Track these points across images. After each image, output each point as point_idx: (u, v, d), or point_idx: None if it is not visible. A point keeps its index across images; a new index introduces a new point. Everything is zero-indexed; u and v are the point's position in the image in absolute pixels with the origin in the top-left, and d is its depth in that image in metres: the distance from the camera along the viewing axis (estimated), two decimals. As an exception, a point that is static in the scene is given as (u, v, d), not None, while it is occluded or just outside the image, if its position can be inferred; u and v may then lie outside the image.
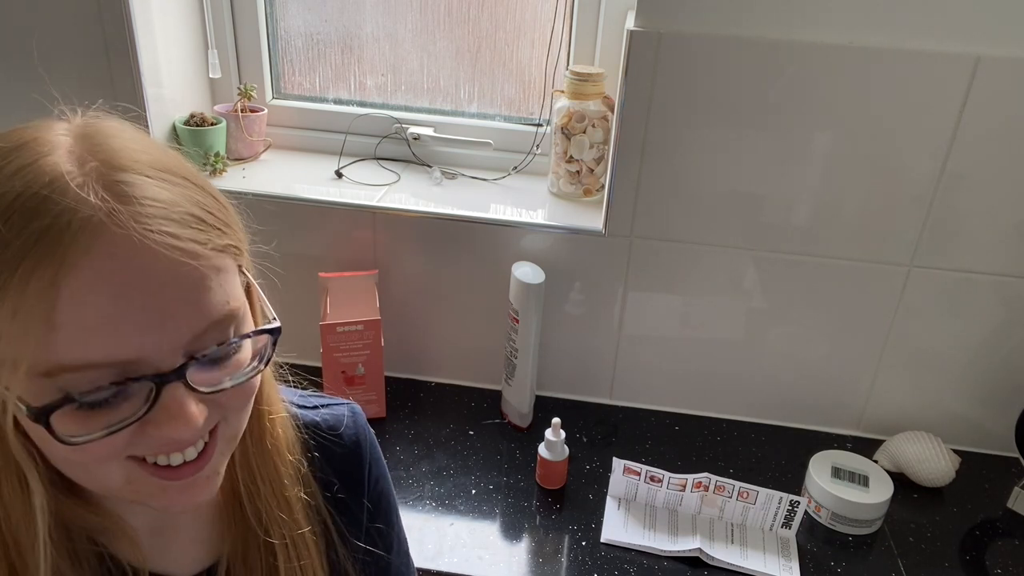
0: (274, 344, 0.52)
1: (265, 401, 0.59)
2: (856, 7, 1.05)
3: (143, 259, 0.43)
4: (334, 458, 0.67)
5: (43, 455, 0.47)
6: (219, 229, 0.48)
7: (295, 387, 0.68)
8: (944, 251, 1.17)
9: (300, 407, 0.68)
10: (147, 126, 1.28)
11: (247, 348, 0.51)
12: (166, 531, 0.58)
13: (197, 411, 0.46)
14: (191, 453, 0.49)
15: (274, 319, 0.52)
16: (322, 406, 0.70)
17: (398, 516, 0.76)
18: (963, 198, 1.13)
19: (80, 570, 0.51)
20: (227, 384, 0.49)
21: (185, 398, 0.46)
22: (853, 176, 1.14)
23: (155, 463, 0.48)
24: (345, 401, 0.72)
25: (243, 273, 0.52)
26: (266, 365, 0.51)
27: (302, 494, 0.62)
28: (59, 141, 0.45)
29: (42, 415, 0.43)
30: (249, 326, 0.51)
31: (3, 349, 0.42)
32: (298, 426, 0.64)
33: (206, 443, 0.50)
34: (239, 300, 0.49)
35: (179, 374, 0.45)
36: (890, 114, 1.10)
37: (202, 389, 0.47)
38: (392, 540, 0.74)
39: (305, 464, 0.64)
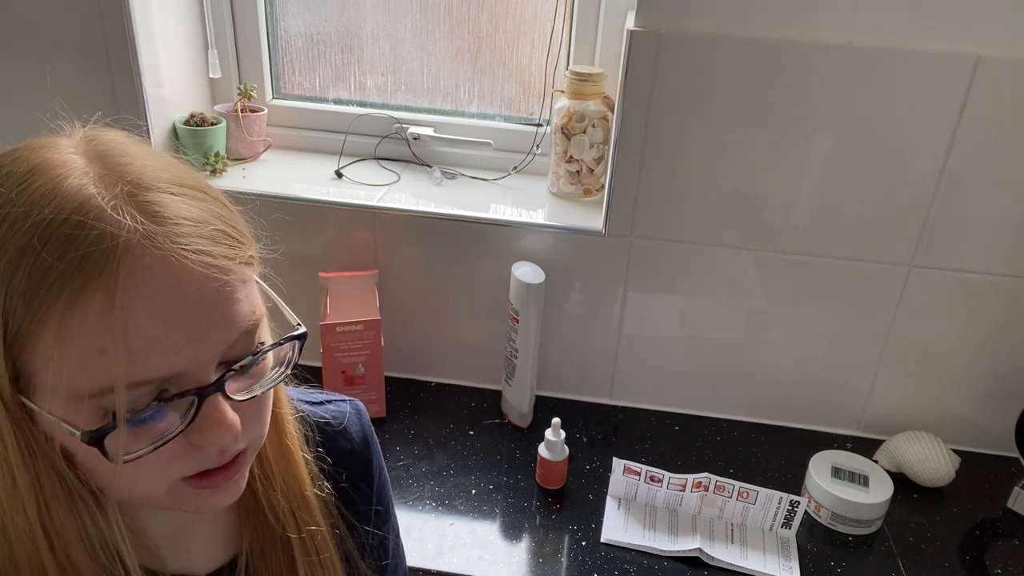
0: (300, 349, 0.53)
1: (279, 403, 0.60)
2: (856, 7, 1.05)
3: (182, 279, 0.44)
4: (342, 453, 0.69)
5: (80, 475, 0.48)
6: (241, 242, 0.49)
7: (295, 385, 0.68)
8: (944, 251, 1.17)
9: (308, 403, 0.69)
10: (147, 127, 1.28)
11: (270, 354, 0.52)
12: (185, 533, 0.60)
13: (235, 418, 0.48)
14: (228, 459, 0.51)
15: (299, 325, 0.54)
16: (327, 402, 0.71)
17: (392, 500, 0.78)
18: (963, 198, 1.13)
19: None
20: (257, 391, 0.50)
21: (224, 405, 0.48)
22: (853, 176, 1.14)
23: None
24: (347, 398, 0.73)
25: (258, 281, 0.53)
26: (291, 370, 0.53)
27: (317, 491, 0.64)
28: (72, 162, 0.45)
29: (96, 438, 0.44)
30: (267, 332, 0.52)
31: (49, 375, 0.43)
32: (308, 423, 0.66)
33: (238, 450, 0.52)
34: (261, 309, 0.51)
35: (218, 386, 0.47)
36: (890, 114, 1.10)
37: (237, 397, 0.49)
38: (390, 523, 0.77)
39: (314, 460, 0.65)
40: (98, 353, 0.42)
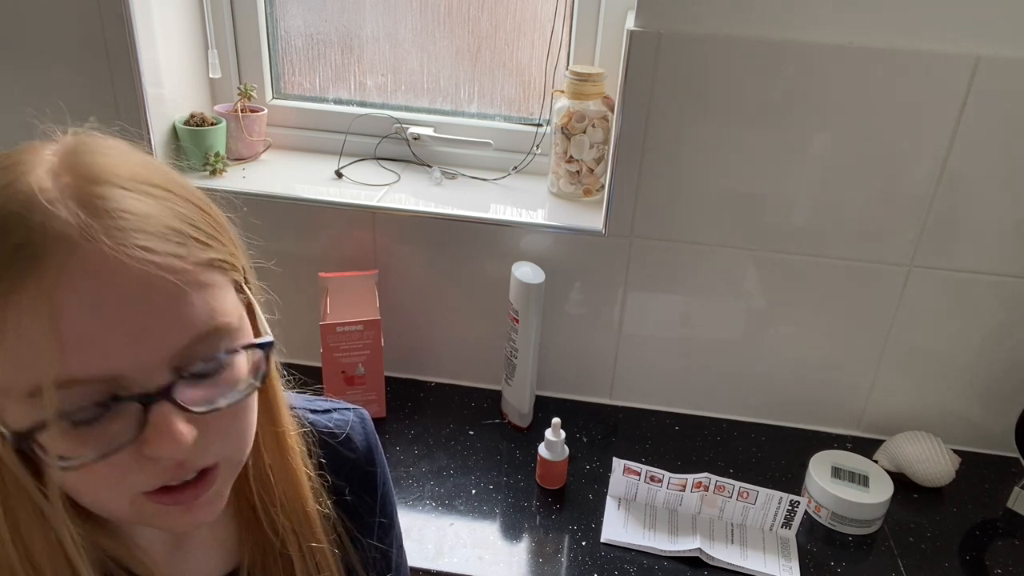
0: (267, 360, 0.50)
1: (278, 420, 0.58)
2: (856, 7, 1.05)
3: (117, 274, 0.42)
4: (345, 464, 0.67)
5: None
6: (203, 243, 0.46)
7: (296, 391, 0.68)
8: (944, 251, 1.17)
9: (312, 411, 0.67)
10: (147, 127, 1.28)
11: (241, 366, 0.49)
12: (184, 544, 0.59)
13: (186, 430, 0.45)
14: (191, 474, 0.48)
15: (267, 333, 0.51)
16: (332, 410, 0.69)
17: (396, 510, 0.77)
18: (963, 198, 1.13)
19: None
20: (221, 403, 0.47)
21: (172, 416, 0.44)
22: (853, 176, 1.14)
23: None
24: (352, 406, 0.72)
25: (243, 290, 0.51)
26: (262, 382, 0.50)
27: (319, 506, 0.62)
28: (43, 160, 0.45)
29: (24, 439, 0.42)
30: (244, 342, 0.50)
31: None
32: (312, 435, 0.64)
33: (208, 467, 0.49)
34: (231, 315, 0.48)
35: (166, 393, 0.44)
36: (890, 114, 1.10)
37: (194, 409, 0.46)
38: (393, 534, 0.75)
39: (316, 472, 0.63)
40: (29, 348, 0.41)
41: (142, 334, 0.43)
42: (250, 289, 0.53)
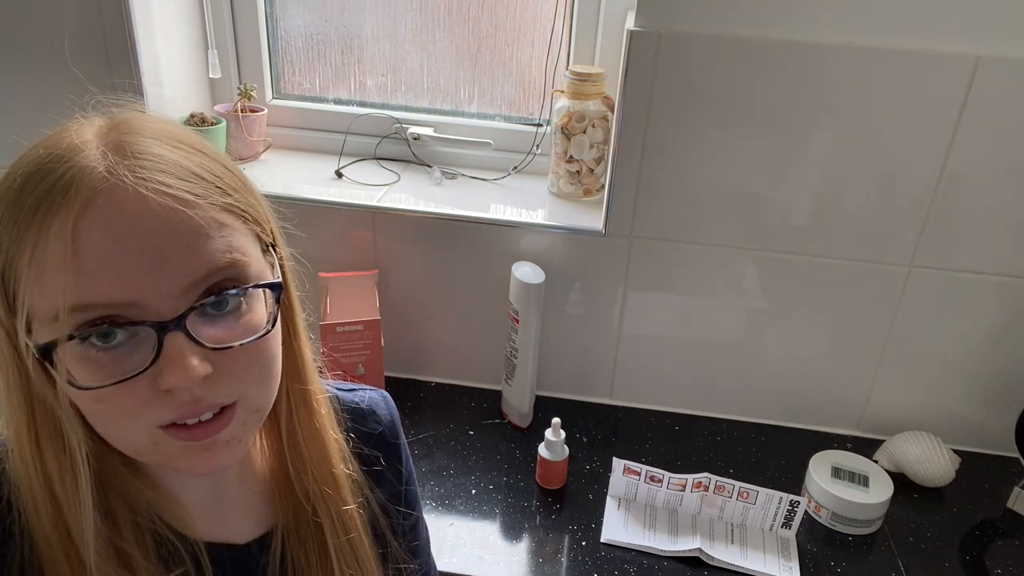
0: (277, 301, 0.53)
1: (308, 380, 0.61)
2: (856, 7, 1.05)
3: (137, 206, 0.46)
4: (372, 436, 0.71)
5: (88, 424, 0.50)
6: (222, 189, 0.50)
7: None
8: (944, 251, 1.17)
9: (339, 389, 0.71)
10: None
11: (259, 311, 0.52)
12: (221, 503, 0.61)
13: (198, 363, 0.47)
14: (206, 415, 0.50)
15: (278, 277, 0.54)
16: (356, 390, 0.73)
17: (416, 482, 0.80)
18: (963, 198, 1.13)
19: (129, 539, 0.53)
20: (235, 344, 0.50)
21: (185, 348, 0.47)
22: (853, 176, 1.14)
23: (174, 424, 0.49)
24: (374, 388, 0.76)
25: (268, 251, 0.54)
26: (273, 325, 0.52)
27: (347, 470, 0.65)
28: (93, 121, 0.50)
29: (46, 351, 0.46)
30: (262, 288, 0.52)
31: (25, 295, 0.46)
32: (340, 407, 0.68)
33: (224, 407, 0.51)
34: (248, 256, 0.50)
35: (179, 323, 0.47)
36: (890, 114, 1.10)
37: (208, 344, 0.48)
38: (419, 504, 0.79)
39: (347, 442, 0.67)
40: (53, 274, 0.45)
41: (158, 262, 0.46)
42: (279, 253, 0.56)
